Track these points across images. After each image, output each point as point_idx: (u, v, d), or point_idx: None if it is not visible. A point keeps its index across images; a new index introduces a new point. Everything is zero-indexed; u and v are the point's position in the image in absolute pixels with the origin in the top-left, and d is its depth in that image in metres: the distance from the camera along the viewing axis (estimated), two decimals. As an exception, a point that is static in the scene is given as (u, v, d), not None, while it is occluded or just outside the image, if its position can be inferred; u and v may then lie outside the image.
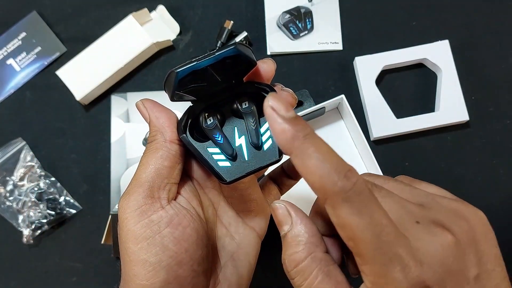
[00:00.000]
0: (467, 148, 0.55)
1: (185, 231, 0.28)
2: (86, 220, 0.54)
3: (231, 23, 0.56)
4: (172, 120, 0.30)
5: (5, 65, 0.57)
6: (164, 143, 0.29)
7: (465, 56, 0.56)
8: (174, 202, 0.29)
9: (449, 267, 0.21)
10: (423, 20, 0.58)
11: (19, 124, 0.56)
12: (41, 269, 0.53)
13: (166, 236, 0.27)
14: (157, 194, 0.28)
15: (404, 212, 0.22)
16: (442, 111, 0.54)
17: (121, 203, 0.28)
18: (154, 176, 0.28)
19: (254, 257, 0.34)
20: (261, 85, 0.30)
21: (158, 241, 0.27)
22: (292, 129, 0.21)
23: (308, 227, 0.24)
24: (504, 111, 0.55)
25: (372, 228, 0.20)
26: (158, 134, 0.29)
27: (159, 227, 0.27)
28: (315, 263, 0.23)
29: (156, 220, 0.28)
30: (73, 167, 0.55)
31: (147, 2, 0.58)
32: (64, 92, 0.55)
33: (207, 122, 0.30)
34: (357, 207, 0.20)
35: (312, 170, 0.20)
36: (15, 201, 0.53)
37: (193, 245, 0.28)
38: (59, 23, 0.59)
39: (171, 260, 0.27)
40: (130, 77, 0.57)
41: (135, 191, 0.28)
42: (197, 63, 0.27)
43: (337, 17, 0.58)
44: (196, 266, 0.29)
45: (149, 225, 0.27)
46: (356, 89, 0.56)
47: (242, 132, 0.30)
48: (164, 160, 0.29)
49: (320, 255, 0.23)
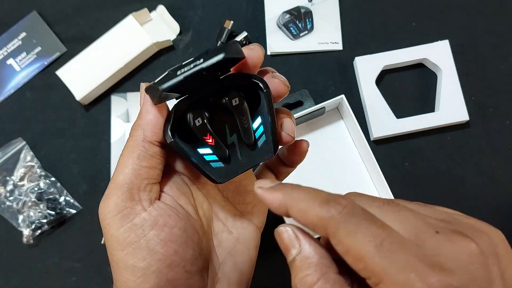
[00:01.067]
0: (467, 148, 0.55)
1: (172, 231, 0.27)
2: (86, 220, 0.54)
3: (231, 23, 0.56)
4: (159, 120, 0.27)
5: (5, 65, 0.57)
6: (142, 142, 0.27)
7: (465, 56, 0.56)
8: (158, 202, 0.28)
9: (475, 275, 0.20)
10: (423, 20, 0.58)
11: (19, 124, 0.56)
12: (41, 269, 0.53)
13: (152, 239, 0.26)
14: (137, 196, 0.27)
15: (421, 224, 0.21)
16: (442, 111, 0.54)
17: (101, 207, 0.27)
18: (132, 177, 0.27)
19: (254, 251, 0.33)
20: (250, 77, 0.27)
21: (144, 245, 0.26)
22: (280, 193, 0.23)
23: (318, 248, 0.23)
24: (504, 111, 0.55)
25: (373, 240, 0.19)
26: (139, 130, 0.27)
27: (143, 231, 0.26)
28: (329, 284, 0.21)
29: (140, 223, 0.26)
30: (73, 167, 0.55)
31: (147, 2, 0.58)
32: (64, 92, 0.55)
33: (196, 123, 0.27)
34: (354, 226, 0.20)
35: (305, 209, 0.21)
36: (15, 201, 0.53)
37: (183, 246, 0.27)
38: (59, 23, 0.59)
39: (160, 263, 0.26)
40: (130, 77, 0.57)
41: (113, 194, 0.27)
42: (183, 77, 0.25)
43: (337, 17, 0.58)
44: (188, 267, 0.27)
45: (132, 229, 0.26)
46: (356, 89, 0.56)
47: (234, 130, 0.29)
48: (142, 161, 0.27)
49: (333, 276, 0.22)
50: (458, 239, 0.20)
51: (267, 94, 0.27)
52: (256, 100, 0.29)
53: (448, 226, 0.21)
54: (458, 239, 0.20)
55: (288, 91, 0.29)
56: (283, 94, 0.29)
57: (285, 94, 0.29)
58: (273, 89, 0.28)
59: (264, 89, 0.27)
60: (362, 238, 0.19)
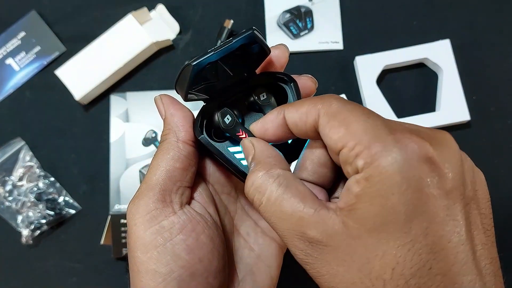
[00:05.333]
0: (467, 148, 0.54)
1: (199, 238, 0.26)
2: (86, 221, 0.53)
3: (231, 22, 0.56)
4: (187, 120, 0.27)
5: (5, 64, 0.57)
6: (176, 143, 0.27)
7: (466, 55, 0.56)
8: (188, 207, 0.27)
9: (460, 155, 0.22)
10: (424, 19, 0.58)
11: (18, 124, 0.56)
12: (40, 269, 0.53)
13: (178, 244, 0.25)
14: (168, 198, 0.26)
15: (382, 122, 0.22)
16: (443, 111, 0.53)
17: (130, 208, 0.26)
18: (166, 178, 0.26)
19: (276, 270, 0.31)
20: (277, 74, 0.28)
21: (169, 249, 0.25)
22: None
23: (267, 151, 0.25)
24: (505, 111, 0.55)
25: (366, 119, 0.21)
26: (171, 133, 0.27)
27: (171, 234, 0.25)
28: (272, 178, 0.22)
29: (168, 226, 0.25)
30: (72, 167, 0.55)
31: (146, 1, 0.58)
32: (63, 92, 0.55)
33: (226, 121, 0.27)
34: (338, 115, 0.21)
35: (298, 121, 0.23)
36: (14, 201, 0.53)
37: (208, 255, 0.26)
38: (59, 22, 0.59)
39: (183, 270, 0.25)
40: (130, 76, 0.57)
41: (145, 194, 0.26)
42: (214, 53, 0.25)
43: (338, 17, 0.58)
44: (211, 279, 0.26)
45: (159, 232, 0.25)
46: (356, 89, 0.56)
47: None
48: (176, 162, 0.26)
49: (278, 171, 0.23)
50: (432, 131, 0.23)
51: (295, 86, 0.27)
52: (283, 99, 0.28)
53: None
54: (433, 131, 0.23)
55: (315, 87, 0.29)
56: (311, 91, 0.29)
57: (313, 91, 0.29)
58: (301, 85, 0.28)
59: (290, 82, 0.27)
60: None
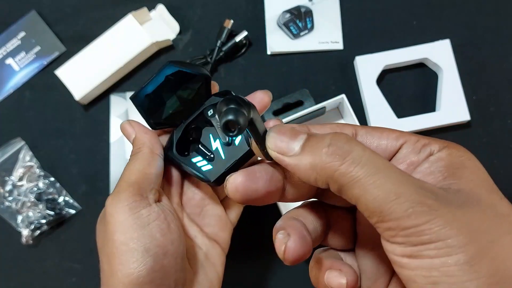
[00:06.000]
0: (467, 148, 0.54)
1: (170, 225, 0.31)
2: (86, 221, 0.53)
3: (231, 22, 0.56)
4: (156, 139, 0.34)
5: (4, 64, 0.57)
6: (151, 154, 0.33)
7: (466, 55, 0.56)
8: (159, 203, 0.32)
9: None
10: (424, 19, 0.58)
11: (18, 124, 0.56)
12: (40, 269, 0.53)
13: (154, 228, 0.30)
14: (145, 194, 0.31)
15: None
16: (443, 111, 0.53)
17: (111, 200, 0.30)
18: (143, 179, 0.31)
19: (221, 268, 0.36)
20: (222, 93, 0.35)
21: (147, 231, 0.29)
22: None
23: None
24: (505, 111, 0.55)
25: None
26: (145, 147, 0.33)
27: (148, 220, 0.30)
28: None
29: (145, 214, 0.30)
30: (72, 167, 0.55)
31: (146, 1, 0.58)
32: (63, 92, 0.55)
33: (189, 138, 0.35)
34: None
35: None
36: (14, 201, 0.53)
37: (177, 240, 0.31)
38: (59, 22, 0.59)
39: (158, 249, 0.29)
40: (130, 76, 0.57)
41: (125, 189, 0.30)
42: (145, 86, 0.32)
43: (338, 17, 0.58)
44: (179, 260, 0.31)
45: (138, 218, 0.30)
46: (356, 89, 0.56)
47: (216, 136, 0.34)
48: (151, 168, 0.32)
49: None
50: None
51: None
52: None
53: None
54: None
55: (270, 100, 0.35)
56: (266, 104, 0.35)
57: (268, 104, 0.35)
58: (258, 101, 0.35)
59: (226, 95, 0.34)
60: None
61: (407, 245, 0.20)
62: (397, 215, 0.19)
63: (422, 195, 0.20)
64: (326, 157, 0.21)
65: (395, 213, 0.19)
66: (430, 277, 0.19)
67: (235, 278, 0.51)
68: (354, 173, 0.20)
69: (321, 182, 0.22)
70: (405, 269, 0.20)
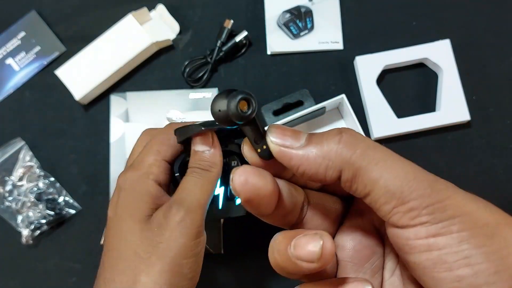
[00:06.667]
0: (467, 148, 0.54)
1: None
2: (86, 221, 0.53)
3: (231, 22, 0.56)
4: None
5: (4, 64, 0.57)
6: (217, 177, 0.32)
7: (466, 55, 0.56)
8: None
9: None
10: (424, 19, 0.58)
11: (18, 124, 0.56)
12: (40, 269, 0.53)
13: (200, 258, 0.33)
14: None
15: None
16: (443, 111, 0.53)
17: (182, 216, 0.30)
18: (206, 203, 0.32)
19: None
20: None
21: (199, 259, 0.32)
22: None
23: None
24: (505, 111, 0.55)
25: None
26: (216, 168, 0.31)
27: (200, 249, 0.32)
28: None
29: (203, 241, 0.32)
30: (72, 167, 0.55)
31: (146, 1, 0.58)
32: (63, 92, 0.55)
33: None
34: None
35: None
36: (14, 201, 0.53)
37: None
38: (59, 22, 0.58)
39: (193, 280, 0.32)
40: (130, 76, 0.57)
41: (195, 211, 0.30)
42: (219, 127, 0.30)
43: (338, 17, 0.58)
44: None
45: (197, 245, 0.31)
46: (356, 89, 0.56)
47: (223, 183, 0.33)
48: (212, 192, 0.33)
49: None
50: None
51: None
52: None
53: None
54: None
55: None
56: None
57: None
58: None
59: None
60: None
61: (431, 223, 0.20)
62: (419, 192, 0.20)
63: (434, 176, 0.21)
64: (340, 143, 0.21)
65: (418, 191, 0.20)
66: (461, 252, 0.19)
67: (235, 279, 0.51)
68: (372, 155, 0.21)
69: (332, 170, 0.21)
70: (433, 251, 0.20)
